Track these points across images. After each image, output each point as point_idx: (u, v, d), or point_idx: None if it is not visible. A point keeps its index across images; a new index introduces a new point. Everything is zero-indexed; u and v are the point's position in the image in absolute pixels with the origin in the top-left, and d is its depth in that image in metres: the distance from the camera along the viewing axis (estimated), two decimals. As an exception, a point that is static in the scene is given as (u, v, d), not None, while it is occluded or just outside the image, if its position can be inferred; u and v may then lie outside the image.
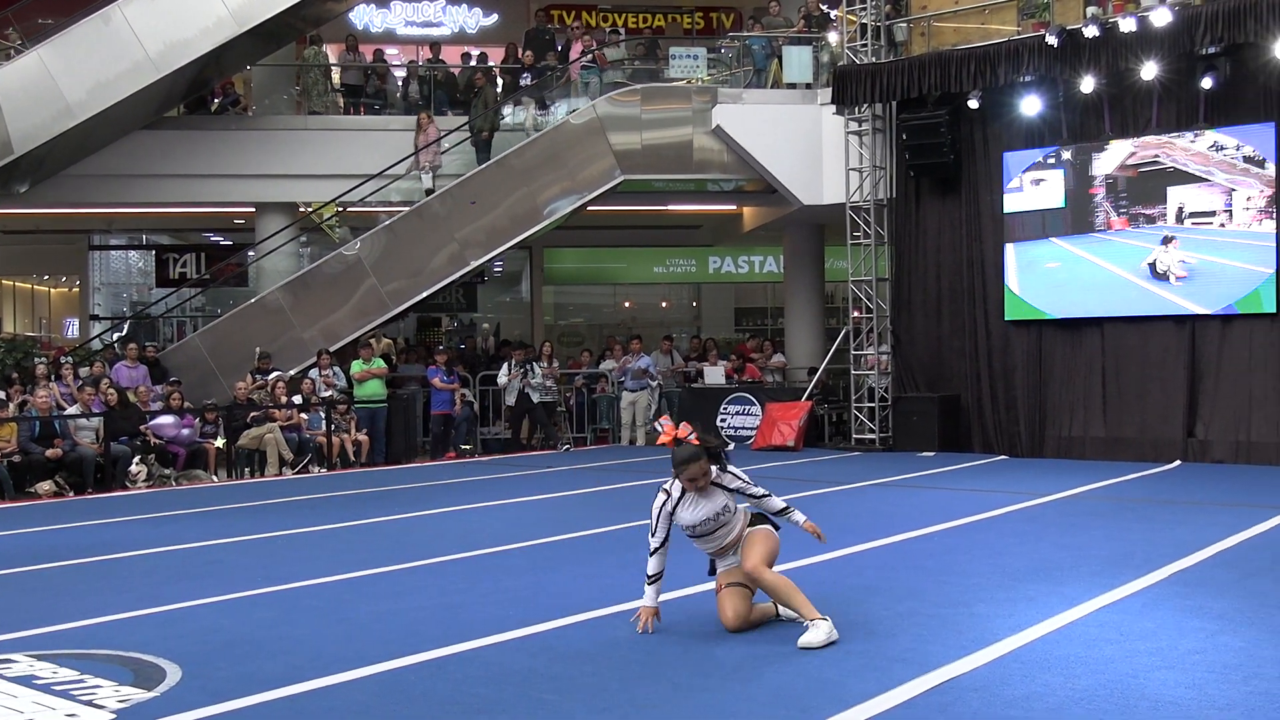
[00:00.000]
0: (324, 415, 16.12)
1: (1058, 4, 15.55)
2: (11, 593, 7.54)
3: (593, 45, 18.89)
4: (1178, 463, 14.20)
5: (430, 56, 21.05)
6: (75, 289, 25.33)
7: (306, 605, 6.89)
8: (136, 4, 16.18)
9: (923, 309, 16.74)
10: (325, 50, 20.23)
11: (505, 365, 17.78)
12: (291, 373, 16.87)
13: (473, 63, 21.27)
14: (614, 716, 4.70)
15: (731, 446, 17.38)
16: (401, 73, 21.21)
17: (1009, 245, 15.74)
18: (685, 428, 5.90)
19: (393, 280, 17.54)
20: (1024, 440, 15.65)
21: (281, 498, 12.60)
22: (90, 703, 4.93)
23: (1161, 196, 14.65)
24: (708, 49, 19.51)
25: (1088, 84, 14.72)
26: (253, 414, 15.51)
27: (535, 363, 17.64)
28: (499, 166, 17.72)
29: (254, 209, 19.76)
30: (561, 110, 18.79)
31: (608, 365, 19.40)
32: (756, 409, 17.57)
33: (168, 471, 14.54)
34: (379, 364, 17.16)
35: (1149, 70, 14.24)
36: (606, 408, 19.20)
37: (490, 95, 18.55)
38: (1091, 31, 14.27)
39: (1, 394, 14.49)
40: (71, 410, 14.28)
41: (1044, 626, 6.00)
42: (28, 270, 28.10)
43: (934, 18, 16.67)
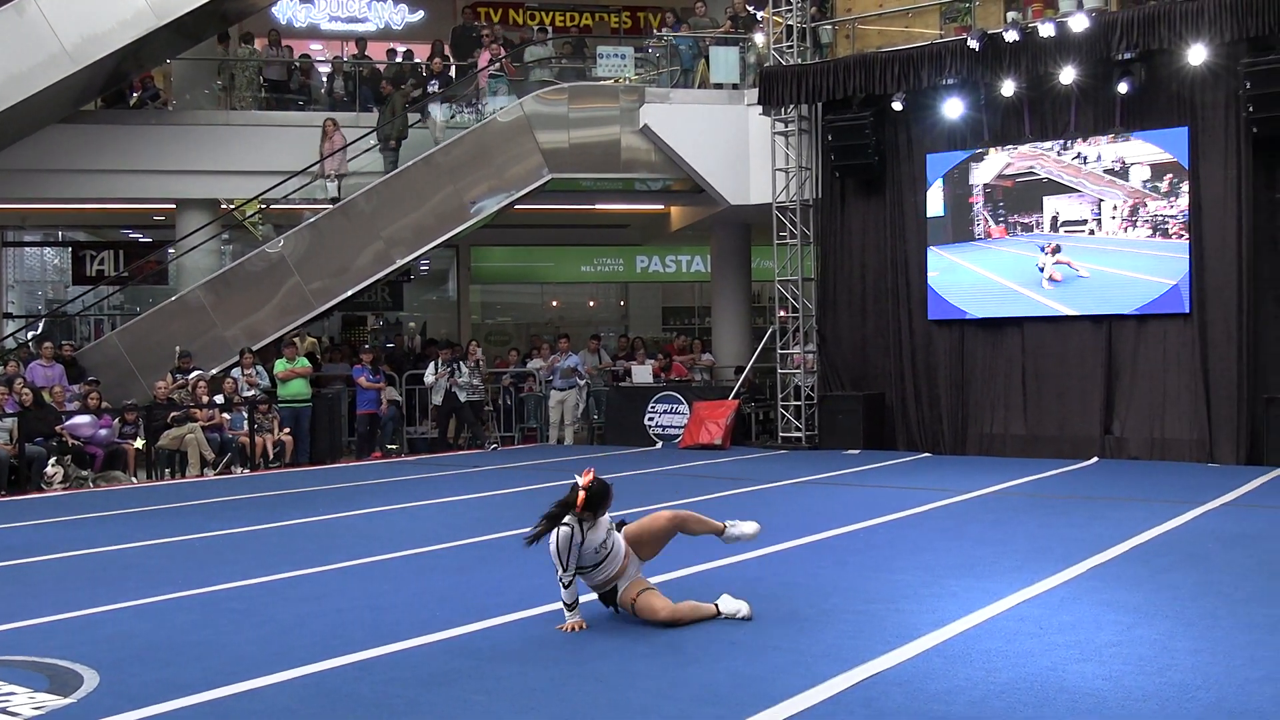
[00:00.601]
0: (246, 415, 15.89)
1: (979, 8, 15.81)
2: (-79, 598, 7.34)
3: (500, 54, 18.74)
4: (1095, 460, 14.49)
5: (355, 53, 20.85)
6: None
7: (228, 608, 6.79)
8: (52, -6, 15.83)
9: (848, 308, 16.91)
10: (255, 47, 19.94)
11: (432, 364, 17.67)
12: (213, 372, 16.60)
13: (398, 59, 21.10)
14: (541, 716, 4.69)
15: (659, 446, 17.44)
16: (326, 69, 20.96)
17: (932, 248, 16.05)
18: (589, 471, 6.25)
19: (317, 278, 17.32)
20: (947, 438, 15.87)
21: (203, 499, 12.39)
22: (4, 710, 4.82)
23: (1038, 206, 15.18)
24: (635, 48, 19.51)
25: (1008, 87, 14.97)
26: (173, 414, 15.25)
27: (462, 362, 17.54)
28: (426, 164, 17.58)
29: (174, 205, 19.41)
30: (468, 116, 18.61)
31: (535, 364, 19.35)
32: (684, 408, 17.62)
33: (85, 473, 14.23)
34: (303, 363, 16.94)
35: (1067, 75, 14.53)
36: (534, 407, 19.14)
37: (398, 102, 18.30)
38: (1012, 36, 14.51)
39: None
40: (-16, 411, 13.94)
41: (966, 621, 6.10)
42: (-62, 267, 27.36)
43: (858, 20, 16.84)
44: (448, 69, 19.06)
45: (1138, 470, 13.47)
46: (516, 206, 18.75)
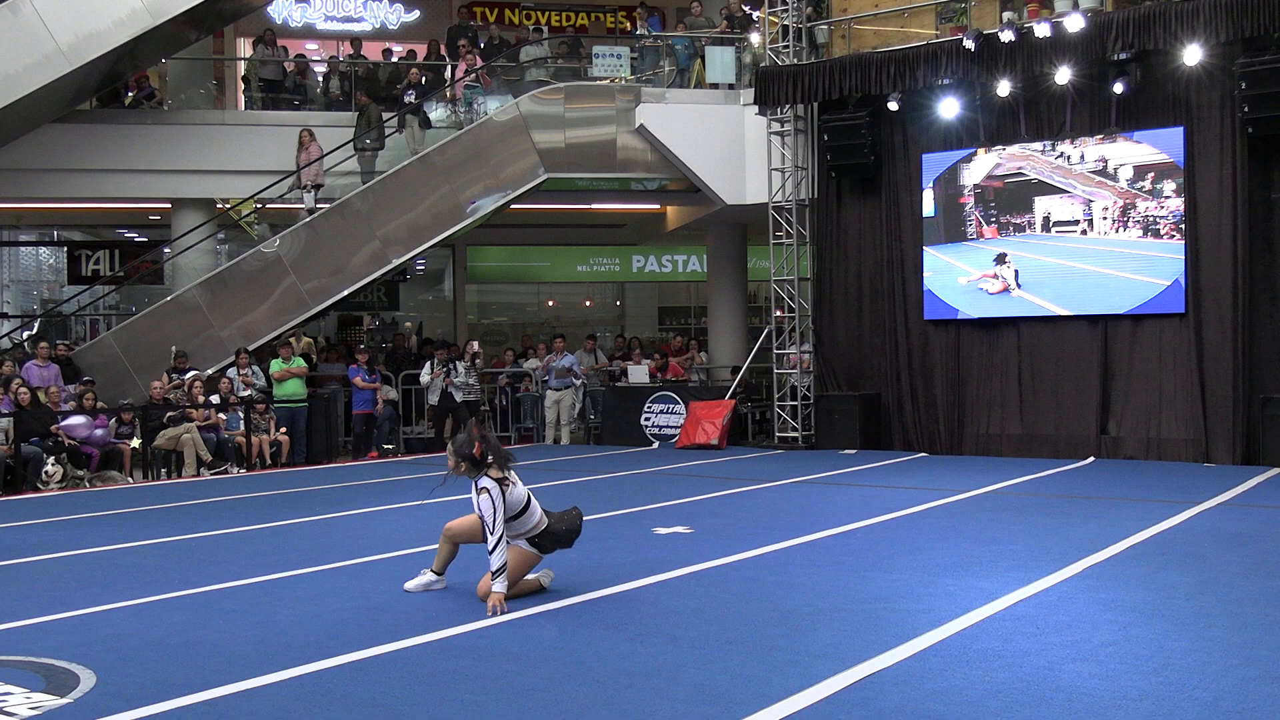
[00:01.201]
0: (242, 415, 15.87)
1: (975, 8, 15.82)
2: (-84, 599, 7.33)
3: (477, 64, 18.69)
4: (1091, 459, 14.51)
5: (351, 52, 20.83)
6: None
7: (223, 608, 6.79)
8: (47, -6, 15.81)
9: (844, 308, 16.92)
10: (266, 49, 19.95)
11: (428, 364, 17.66)
12: (209, 372, 16.59)
13: (394, 59, 21.08)
14: (537, 716, 4.69)
15: (655, 445, 17.44)
16: (322, 68, 20.94)
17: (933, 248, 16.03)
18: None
19: (313, 278, 17.31)
20: (943, 438, 15.89)
21: (199, 499, 12.38)
22: (1, 710, 4.81)
23: (1029, 206, 15.19)
24: (631, 48, 19.51)
25: (1004, 87, 14.99)
26: (169, 414, 15.23)
27: (458, 362, 17.54)
28: (421, 163, 17.57)
29: (170, 205, 19.38)
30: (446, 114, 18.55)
31: (531, 364, 19.35)
32: (680, 408, 17.63)
33: (81, 473, 14.21)
34: (299, 363, 16.93)
35: (1063, 75, 14.54)
36: (530, 407, 19.14)
37: (375, 114, 18.21)
38: (1007, 36, 14.53)
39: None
40: (-21, 411, 13.92)
41: (962, 621, 6.10)
42: (-67, 267, 27.33)
43: (854, 20, 16.85)
44: (423, 79, 18.95)
45: (1134, 470, 13.48)
46: (512, 206, 18.74)
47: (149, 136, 18.51)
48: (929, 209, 15.96)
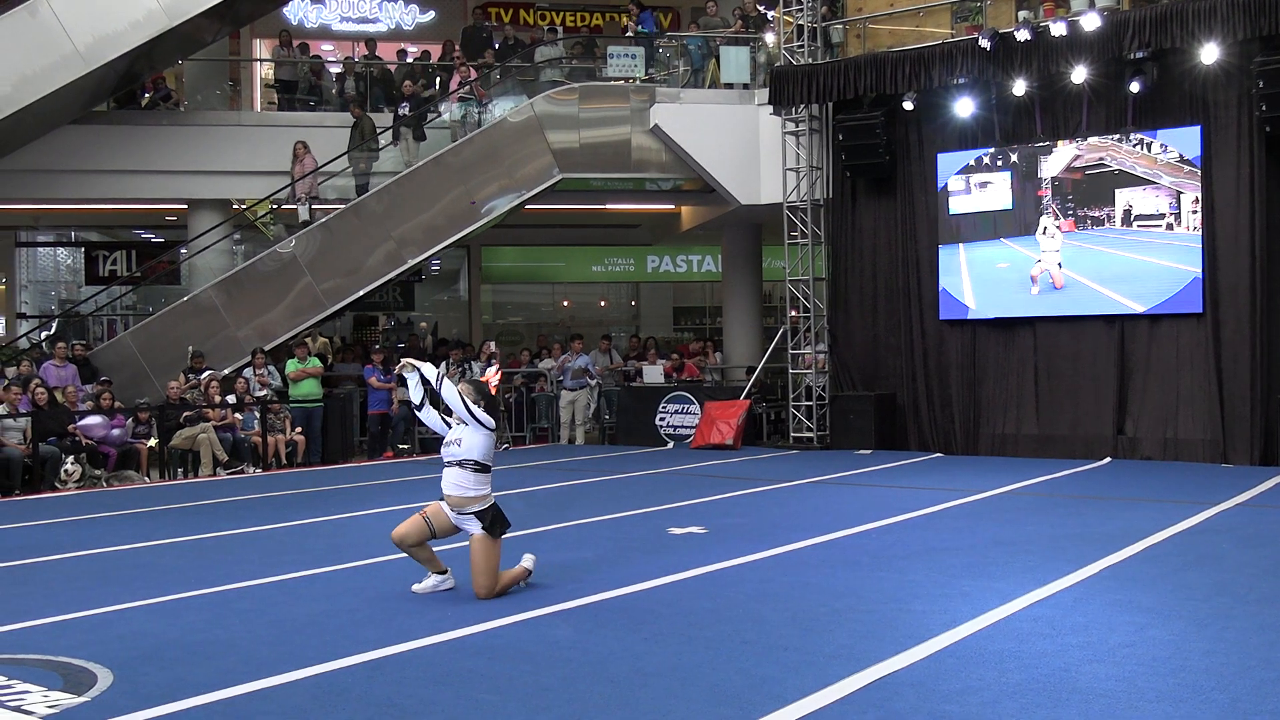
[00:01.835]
0: (258, 415, 15.92)
1: (990, 8, 15.77)
2: (-65, 597, 7.37)
3: (469, 76, 18.65)
4: (1108, 460, 14.45)
5: (366, 53, 20.87)
6: (1, 286, 24.79)
7: (240, 608, 6.81)
8: (65, -4, 15.89)
9: (859, 308, 16.89)
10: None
11: (443, 365, 17.68)
12: (225, 372, 16.64)
13: (409, 60, 21.12)
14: (552, 716, 4.69)
15: (670, 445, 17.43)
16: (337, 69, 21.00)
17: (958, 246, 15.87)
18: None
19: (328, 279, 17.35)
20: (959, 438, 15.84)
21: (215, 499, 12.43)
22: (19, 708, 4.83)
23: (1109, 199, 14.84)
24: (645, 48, 19.51)
25: (1019, 87, 14.93)
26: (186, 414, 15.29)
27: (474, 362, 17.55)
28: (436, 164, 17.60)
29: (186, 206, 19.47)
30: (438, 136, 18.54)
31: (546, 364, 19.37)
32: (695, 408, 17.62)
33: (98, 472, 14.28)
34: (314, 363, 16.98)
35: (1079, 74, 14.49)
36: (545, 406, 19.16)
37: (367, 127, 18.19)
38: (1023, 35, 14.48)
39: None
40: (-2, 410, 13.99)
41: (978, 622, 6.09)
42: (-49, 268, 27.47)
43: (869, 20, 16.82)
44: (418, 91, 18.90)
45: (1151, 471, 13.43)
46: (527, 206, 18.76)
47: (165, 137, 18.59)
48: (1005, 202, 15.59)
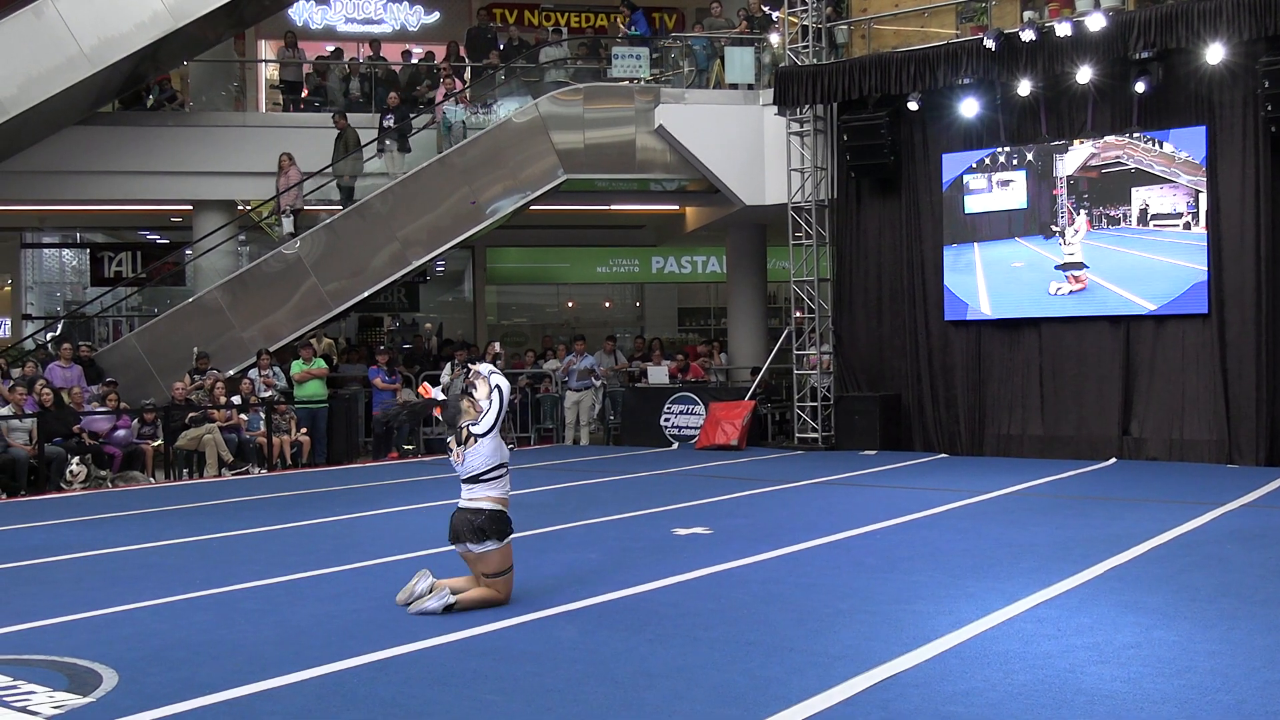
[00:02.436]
0: (263, 416, 15.94)
1: (995, 8, 15.76)
2: (-59, 598, 7.38)
3: (455, 87, 18.59)
4: (1113, 460, 14.42)
5: (371, 54, 20.88)
6: (7, 288, 24.83)
7: (245, 608, 6.81)
8: (70, -3, 15.92)
9: (864, 309, 16.87)
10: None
11: (448, 366, 17.69)
12: (230, 373, 16.66)
13: (414, 60, 21.13)
14: (557, 717, 4.70)
15: (675, 446, 17.42)
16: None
17: (974, 245, 15.82)
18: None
19: (333, 280, 17.36)
20: (964, 439, 15.82)
21: (220, 499, 12.43)
22: (24, 709, 4.84)
23: (1125, 198, 14.77)
24: (650, 49, 19.52)
25: (1024, 87, 14.92)
26: (191, 415, 15.31)
27: (479, 363, 17.54)
28: (441, 165, 17.61)
29: (191, 207, 19.48)
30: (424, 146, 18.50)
31: (551, 365, 19.37)
32: (700, 408, 17.62)
33: (104, 473, 14.30)
34: (319, 364, 17.00)
35: (1084, 74, 14.47)
36: (550, 408, 19.16)
37: (352, 138, 18.08)
38: (1028, 35, 14.46)
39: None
40: (3, 411, 14.00)
41: (983, 623, 6.08)
42: (-43, 269, 27.51)
43: (874, 20, 16.81)
44: (404, 103, 18.83)
45: (1156, 471, 13.40)
46: (532, 207, 18.77)
47: (170, 138, 18.61)
48: (1020, 200, 15.46)
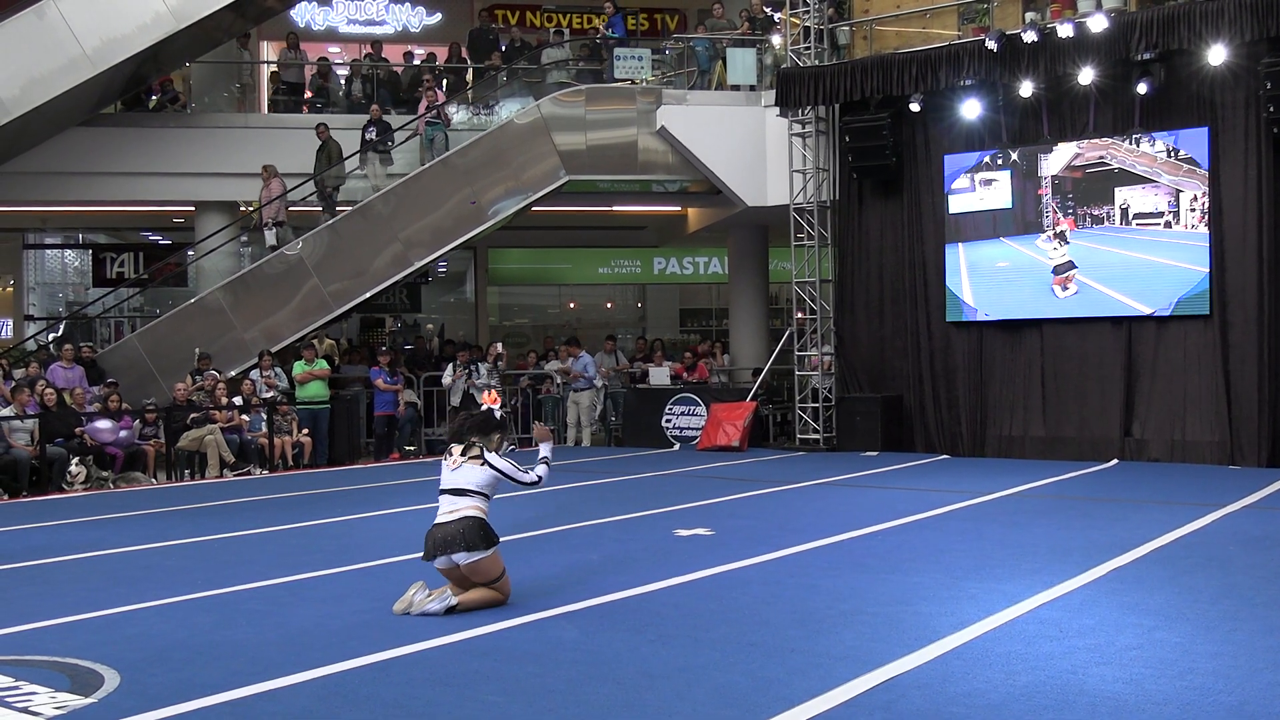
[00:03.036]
0: (265, 417, 15.94)
1: (997, 9, 15.76)
2: (-57, 599, 7.39)
3: (436, 100, 18.56)
4: (1115, 462, 14.42)
5: (372, 54, 20.89)
6: (9, 289, 24.85)
7: (247, 609, 6.82)
8: (72, -1, 15.94)
9: (865, 310, 16.87)
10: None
11: (450, 366, 17.70)
12: (232, 374, 16.66)
13: (416, 62, 21.12)
14: (558, 718, 4.69)
15: (676, 447, 17.42)
16: (344, 71, 21.03)
17: (959, 245, 15.83)
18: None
19: (335, 280, 17.36)
20: (965, 440, 15.81)
21: (222, 500, 12.44)
22: (26, 709, 4.84)
23: (1108, 197, 14.82)
24: (652, 50, 19.51)
25: (1026, 88, 14.91)
26: (193, 415, 15.31)
27: (480, 363, 17.57)
28: (443, 166, 17.61)
29: (193, 208, 19.50)
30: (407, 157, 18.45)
31: (553, 366, 19.37)
32: (701, 409, 17.61)
33: (105, 474, 14.30)
34: (321, 365, 17.00)
35: (1086, 75, 14.47)
36: (552, 409, 19.15)
37: (335, 149, 18.04)
38: (1030, 37, 14.46)
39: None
40: (5, 412, 14.01)
41: (985, 624, 6.08)
42: (-41, 270, 27.52)
43: (876, 21, 16.81)
44: (385, 115, 18.80)
45: (1158, 472, 13.40)
46: (534, 208, 18.76)
47: (173, 139, 18.62)
48: (1005, 200, 15.53)
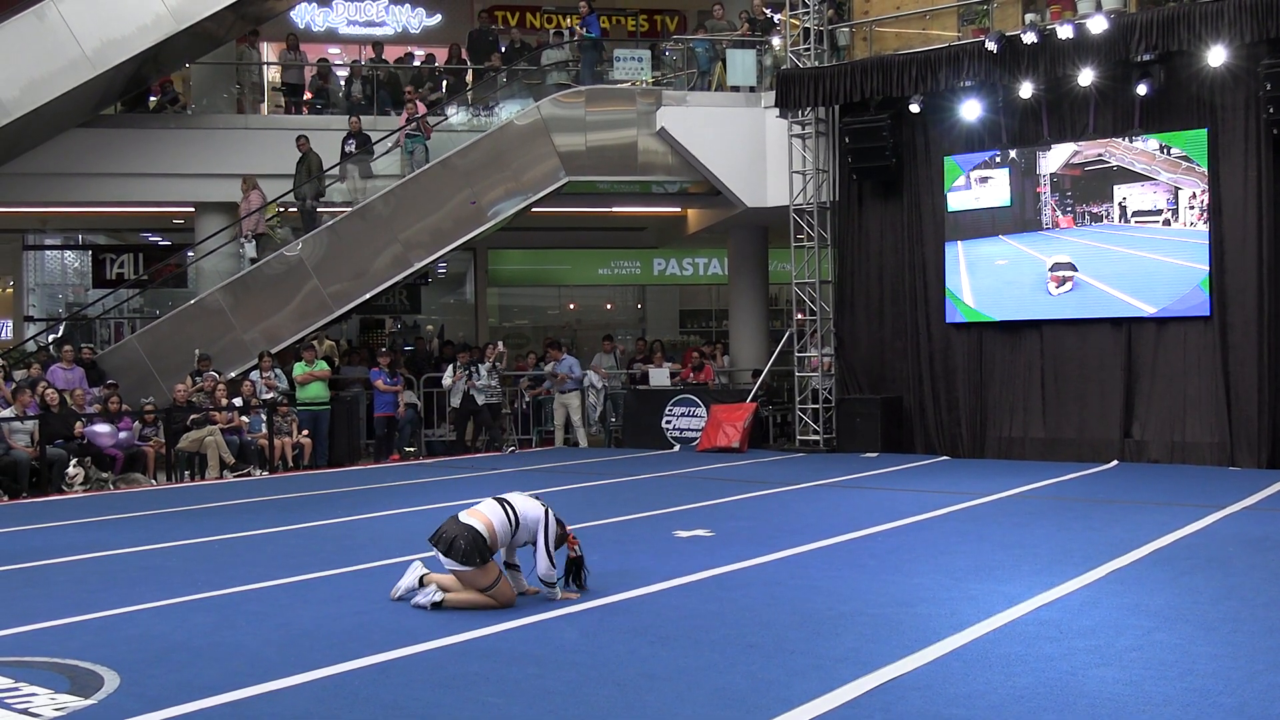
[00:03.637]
0: (265, 418, 15.94)
1: (997, 10, 15.78)
2: (-57, 600, 7.39)
3: (416, 113, 18.51)
4: (1115, 463, 14.42)
5: (372, 56, 20.89)
6: (9, 290, 24.85)
7: (247, 610, 6.82)
8: (73, 0, 15.91)
9: (865, 311, 16.87)
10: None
11: (450, 367, 17.70)
12: (231, 375, 16.66)
13: (416, 63, 21.13)
14: (558, 719, 4.69)
15: (676, 448, 17.42)
16: (344, 72, 21.03)
17: (958, 243, 15.81)
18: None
19: (335, 282, 17.36)
20: (965, 441, 15.81)
21: (222, 501, 12.43)
22: (26, 711, 4.84)
23: (1107, 195, 14.80)
24: (652, 51, 19.51)
25: (1026, 89, 14.92)
26: (193, 416, 15.31)
27: (480, 364, 17.57)
28: (443, 167, 17.61)
29: (193, 209, 19.50)
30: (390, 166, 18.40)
31: (551, 367, 19.34)
32: (701, 410, 17.61)
33: (105, 475, 14.30)
34: (321, 366, 17.00)
35: (1086, 76, 14.47)
36: (551, 410, 19.15)
37: (315, 162, 18.00)
38: (1030, 38, 14.47)
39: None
40: (5, 413, 14.01)
41: (985, 625, 6.08)
42: (-41, 271, 27.52)
43: (876, 23, 16.82)
44: (364, 128, 18.76)
45: (1158, 474, 13.39)
46: (534, 209, 18.77)
47: (173, 140, 18.63)
48: (1004, 198, 15.53)
